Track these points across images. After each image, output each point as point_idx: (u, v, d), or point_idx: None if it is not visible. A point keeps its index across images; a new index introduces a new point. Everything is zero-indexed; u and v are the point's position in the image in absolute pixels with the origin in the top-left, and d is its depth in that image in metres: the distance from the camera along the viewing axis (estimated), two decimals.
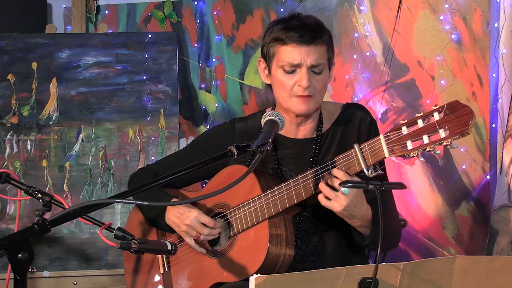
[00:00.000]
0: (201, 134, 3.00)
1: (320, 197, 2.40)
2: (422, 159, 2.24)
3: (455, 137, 2.14)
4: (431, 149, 2.18)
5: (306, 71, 2.56)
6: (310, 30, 2.57)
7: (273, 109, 2.75)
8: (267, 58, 2.65)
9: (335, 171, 2.39)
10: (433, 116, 2.18)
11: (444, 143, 2.15)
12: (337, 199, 2.38)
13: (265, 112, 2.79)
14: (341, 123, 2.69)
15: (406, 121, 2.24)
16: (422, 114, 2.21)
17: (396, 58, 3.64)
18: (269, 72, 2.65)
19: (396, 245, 2.74)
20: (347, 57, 3.74)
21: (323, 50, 2.59)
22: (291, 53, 2.56)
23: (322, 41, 2.58)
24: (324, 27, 2.64)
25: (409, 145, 2.22)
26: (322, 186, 2.40)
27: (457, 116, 2.14)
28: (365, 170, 2.33)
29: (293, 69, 2.57)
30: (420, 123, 2.20)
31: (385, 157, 2.30)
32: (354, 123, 2.67)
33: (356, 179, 2.38)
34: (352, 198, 2.38)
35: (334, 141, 2.66)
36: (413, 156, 2.23)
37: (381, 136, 2.29)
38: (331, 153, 2.66)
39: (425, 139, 2.18)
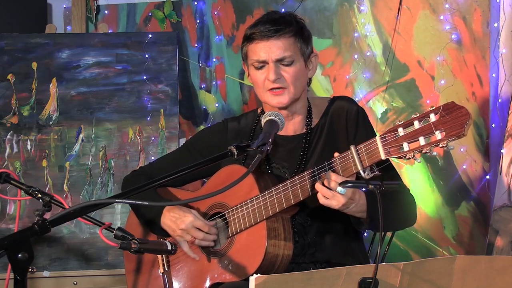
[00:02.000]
0: (194, 135, 3.00)
1: (319, 196, 2.40)
2: (419, 161, 2.23)
3: (451, 138, 2.13)
4: (427, 151, 2.17)
5: (272, 65, 2.59)
6: (272, 24, 2.60)
7: (262, 108, 2.76)
8: (244, 59, 2.70)
9: (330, 175, 2.38)
10: (429, 117, 2.17)
11: (440, 145, 2.14)
12: (335, 198, 2.37)
13: (256, 112, 2.81)
14: (328, 116, 2.69)
15: (402, 122, 2.24)
16: (418, 115, 2.20)
17: (396, 58, 3.64)
18: (248, 70, 2.70)
19: (413, 222, 2.68)
20: (347, 57, 3.75)
21: (289, 42, 2.60)
22: (256, 49, 2.60)
23: (285, 32, 2.60)
24: (291, 18, 2.65)
25: (405, 146, 2.21)
26: (318, 186, 2.40)
27: (453, 117, 2.13)
28: (361, 172, 2.32)
29: (262, 65, 2.61)
30: (417, 124, 2.19)
31: (382, 159, 2.29)
32: (341, 115, 2.67)
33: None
34: (350, 195, 2.38)
35: (322, 135, 2.67)
36: (410, 158, 2.22)
37: (377, 138, 2.29)
38: (320, 147, 2.66)
39: (421, 140, 2.18)
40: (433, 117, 2.16)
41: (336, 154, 2.40)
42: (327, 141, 2.66)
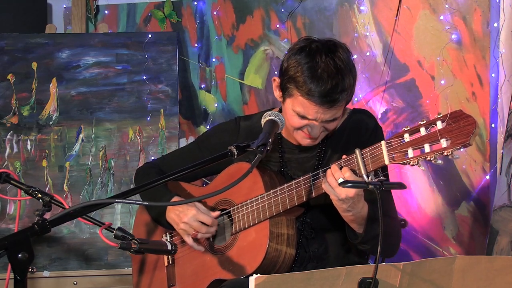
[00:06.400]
0: (206, 131, 3.00)
1: (322, 181, 2.40)
2: (423, 168, 2.21)
3: (456, 147, 2.12)
4: (431, 159, 2.16)
5: (318, 124, 2.50)
6: (333, 90, 2.43)
7: (281, 110, 2.72)
8: (283, 88, 2.54)
9: (344, 169, 2.37)
10: (436, 124, 2.16)
11: (445, 153, 2.13)
12: (337, 189, 2.37)
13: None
14: (346, 129, 2.66)
15: (408, 128, 2.22)
16: (425, 122, 2.18)
17: (396, 58, 3.64)
18: (282, 99, 2.57)
19: (393, 253, 2.67)
20: None
21: (341, 105, 2.50)
22: (307, 107, 2.46)
23: (342, 100, 2.47)
24: (349, 75, 2.47)
25: (410, 153, 2.19)
26: (328, 171, 2.38)
27: (460, 126, 2.12)
28: (364, 176, 2.31)
29: (306, 118, 2.50)
30: (423, 131, 2.18)
31: (385, 164, 2.29)
32: (359, 129, 2.64)
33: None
34: (350, 195, 2.37)
35: (338, 147, 2.64)
36: (414, 165, 2.21)
37: (383, 143, 2.27)
38: (335, 159, 2.64)
39: (427, 148, 2.16)
40: (439, 125, 2.14)
41: (344, 157, 2.40)
42: (342, 153, 2.63)
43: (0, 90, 3.88)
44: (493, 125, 3.45)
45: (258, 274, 1.88)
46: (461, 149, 2.13)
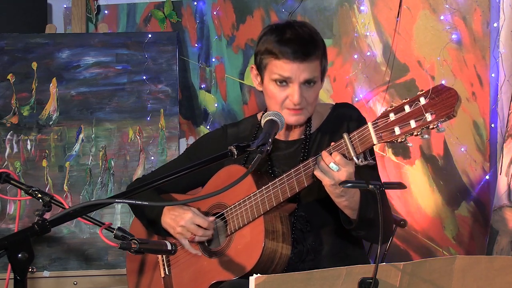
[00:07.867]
0: (194, 142, 3.02)
1: (315, 168, 2.42)
2: (410, 144, 2.25)
3: (441, 120, 2.16)
4: (418, 134, 2.20)
5: (298, 87, 2.55)
6: (304, 45, 2.55)
7: (263, 114, 2.75)
8: (259, 67, 2.64)
9: (334, 154, 2.39)
10: (419, 101, 2.19)
11: (431, 127, 2.17)
12: (329, 174, 2.38)
13: (256, 117, 2.82)
14: (330, 123, 2.70)
15: (393, 107, 2.26)
16: (408, 99, 2.23)
17: (396, 58, 3.64)
18: (261, 81, 2.66)
19: (387, 240, 2.74)
20: (347, 57, 3.74)
21: (316, 64, 2.58)
22: (283, 68, 2.55)
23: (315, 56, 2.57)
24: (317, 38, 2.62)
25: (397, 130, 2.23)
26: (318, 158, 2.41)
27: (442, 99, 2.16)
28: (354, 159, 2.35)
29: (285, 82, 2.57)
30: (407, 109, 2.22)
31: (374, 144, 2.32)
32: (342, 122, 2.68)
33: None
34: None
35: (323, 141, 2.68)
36: (401, 142, 2.24)
37: (369, 124, 2.31)
38: (320, 151, 2.67)
39: (412, 123, 2.20)
40: (423, 101, 2.19)
41: (332, 143, 2.43)
42: (328, 145, 2.65)
43: (0, 90, 3.88)
44: (493, 125, 3.45)
45: (258, 274, 1.88)
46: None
